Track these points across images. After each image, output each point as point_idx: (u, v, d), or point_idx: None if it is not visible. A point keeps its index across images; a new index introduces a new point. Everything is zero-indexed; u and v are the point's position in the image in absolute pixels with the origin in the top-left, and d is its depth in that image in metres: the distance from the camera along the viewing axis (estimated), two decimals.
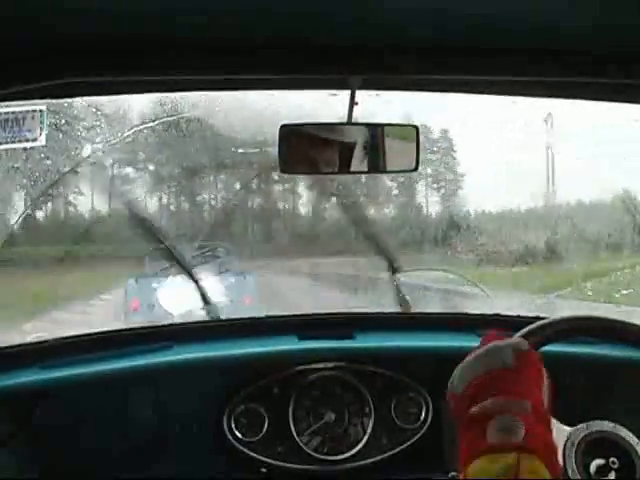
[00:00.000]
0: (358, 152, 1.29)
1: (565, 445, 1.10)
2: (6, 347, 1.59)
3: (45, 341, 1.64)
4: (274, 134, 1.23)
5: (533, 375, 0.87)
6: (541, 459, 0.77)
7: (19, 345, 1.61)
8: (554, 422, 1.01)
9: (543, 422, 0.82)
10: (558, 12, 0.94)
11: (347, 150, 1.28)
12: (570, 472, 1.07)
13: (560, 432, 1.09)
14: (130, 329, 1.74)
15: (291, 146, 1.25)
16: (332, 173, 1.35)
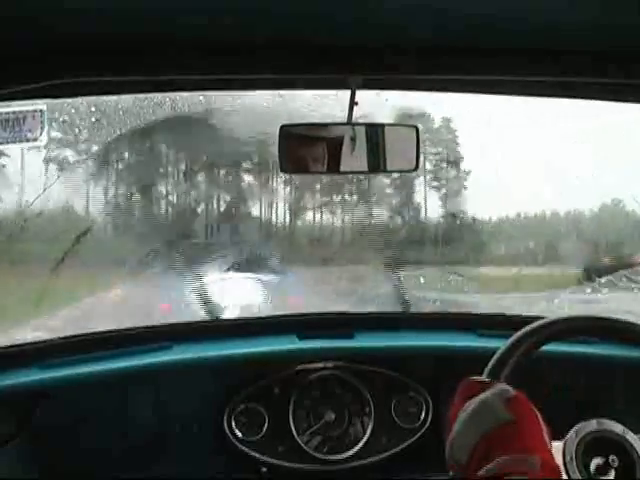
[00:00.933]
0: (358, 152, 1.29)
1: (565, 444, 1.10)
2: (6, 347, 1.58)
3: (45, 341, 1.64)
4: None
5: (532, 424, 0.85)
6: None
7: (19, 345, 1.60)
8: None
9: (554, 473, 0.80)
10: (558, 12, 0.94)
11: (347, 150, 1.28)
12: (570, 471, 1.08)
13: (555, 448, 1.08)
14: (130, 329, 1.74)
15: (291, 146, 1.25)
16: (332, 173, 1.35)
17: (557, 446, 1.09)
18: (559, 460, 1.07)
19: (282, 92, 1.64)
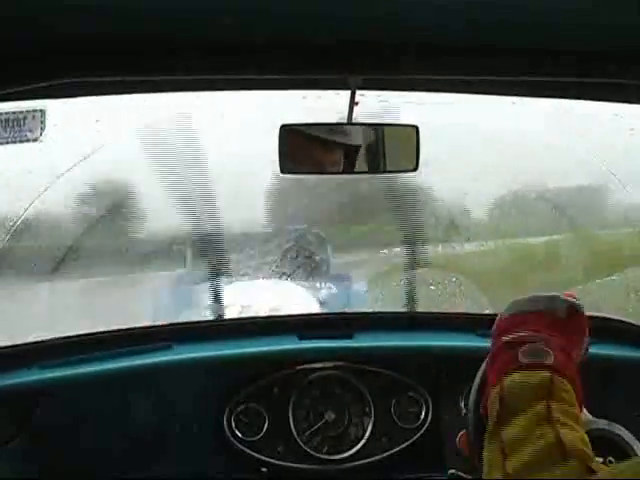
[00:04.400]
0: (358, 152, 1.29)
1: None
2: (6, 347, 1.59)
3: (45, 341, 1.64)
4: None
5: (576, 331, 0.93)
6: (571, 383, 0.83)
7: (19, 345, 1.61)
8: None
9: (570, 360, 0.88)
10: (558, 12, 0.94)
11: (347, 150, 1.29)
12: None
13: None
14: (130, 329, 1.74)
15: (290, 146, 1.25)
16: (332, 173, 1.35)
17: None
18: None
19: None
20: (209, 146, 2.05)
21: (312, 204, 2.78)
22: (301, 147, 1.28)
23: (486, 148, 2.25)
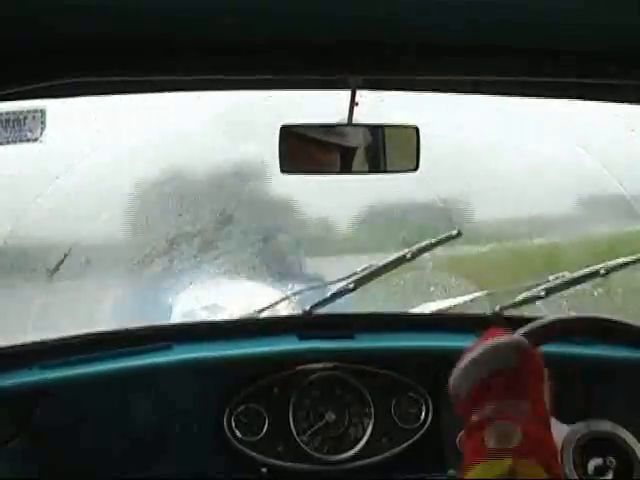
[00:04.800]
0: (358, 152, 1.29)
1: (563, 444, 1.10)
2: (6, 347, 1.59)
3: (45, 341, 1.64)
4: None
5: (533, 374, 0.87)
6: (539, 461, 0.77)
7: (19, 345, 1.61)
8: (553, 421, 1.01)
9: (541, 422, 0.83)
10: (558, 12, 0.94)
11: (347, 150, 1.29)
12: (568, 471, 1.08)
13: (559, 430, 1.09)
14: (130, 329, 1.74)
15: (291, 146, 1.25)
16: (332, 173, 1.35)
17: (556, 445, 1.09)
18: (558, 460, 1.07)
19: None
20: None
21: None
22: (301, 147, 1.28)
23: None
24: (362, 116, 1.28)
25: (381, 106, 1.52)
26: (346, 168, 1.31)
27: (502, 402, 0.82)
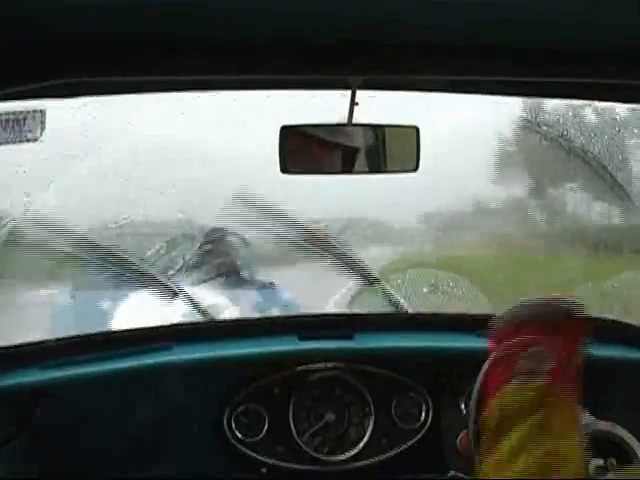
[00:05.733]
0: (358, 153, 1.29)
1: None
2: (6, 347, 1.59)
3: (45, 341, 1.64)
4: None
5: (574, 334, 0.92)
6: (567, 390, 0.83)
7: (19, 345, 1.60)
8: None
9: (570, 364, 0.89)
10: (558, 12, 0.94)
11: (347, 151, 1.29)
12: None
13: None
14: (130, 329, 1.74)
15: (291, 147, 1.26)
16: (332, 173, 1.35)
17: None
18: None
19: None
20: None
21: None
22: (302, 147, 1.28)
23: None
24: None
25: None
26: (346, 168, 1.31)
27: (539, 335, 0.87)
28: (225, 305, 2.28)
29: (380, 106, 1.40)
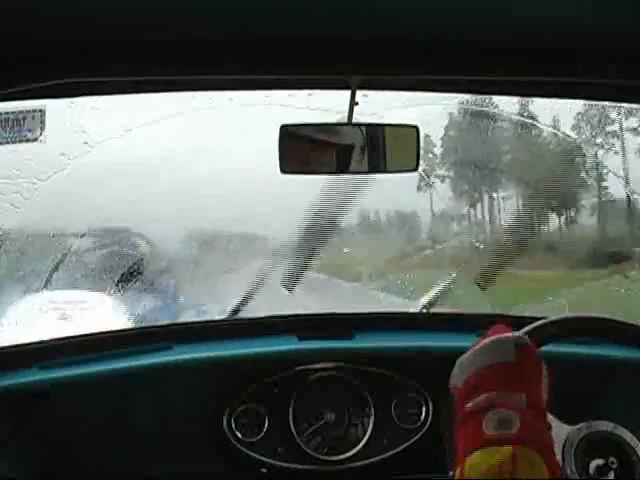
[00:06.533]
0: (358, 152, 1.29)
1: (564, 445, 1.10)
2: (6, 347, 1.59)
3: (45, 341, 1.64)
4: None
5: (532, 370, 0.88)
6: (538, 449, 0.78)
7: (19, 345, 1.60)
8: (554, 420, 1.01)
9: (539, 417, 0.83)
10: (558, 12, 0.94)
11: (347, 150, 1.29)
12: (569, 472, 1.07)
13: (560, 430, 1.09)
14: (130, 329, 1.74)
15: (291, 146, 1.25)
16: (332, 173, 1.35)
17: (557, 446, 1.09)
18: (558, 460, 1.07)
19: None
20: None
21: None
22: (301, 147, 1.28)
23: None
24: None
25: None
26: (346, 168, 1.31)
27: (499, 392, 0.83)
28: (124, 309, 2.18)
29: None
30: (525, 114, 2.27)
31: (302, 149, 1.28)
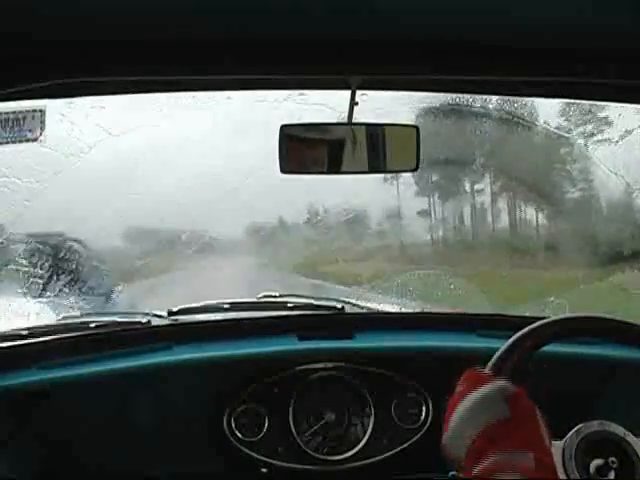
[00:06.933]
0: (358, 152, 1.29)
1: (565, 445, 1.10)
2: (6, 347, 1.58)
3: (45, 341, 1.64)
4: None
5: (530, 421, 0.86)
6: None
7: (19, 345, 1.60)
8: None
9: (549, 471, 0.81)
10: (557, 12, 0.94)
11: (347, 150, 1.29)
12: (570, 472, 1.07)
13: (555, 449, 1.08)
14: (130, 329, 1.74)
15: (291, 146, 1.25)
16: (332, 173, 1.35)
17: (557, 446, 1.09)
18: (559, 461, 1.07)
19: None
20: None
21: None
22: (301, 147, 1.28)
23: None
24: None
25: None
26: (346, 168, 1.31)
27: (506, 453, 0.81)
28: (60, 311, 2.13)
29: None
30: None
31: (302, 149, 1.28)
